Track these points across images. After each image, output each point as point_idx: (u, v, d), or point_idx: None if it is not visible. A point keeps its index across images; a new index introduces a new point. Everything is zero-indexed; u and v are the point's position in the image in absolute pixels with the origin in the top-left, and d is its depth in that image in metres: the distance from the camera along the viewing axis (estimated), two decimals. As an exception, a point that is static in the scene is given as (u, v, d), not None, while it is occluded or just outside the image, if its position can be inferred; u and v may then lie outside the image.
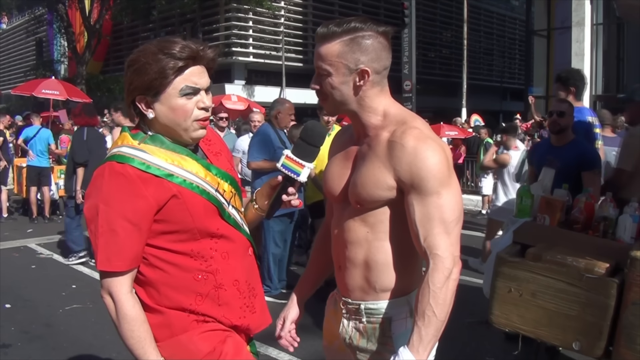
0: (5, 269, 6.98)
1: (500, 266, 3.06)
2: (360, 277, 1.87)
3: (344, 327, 1.95)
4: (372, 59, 1.76)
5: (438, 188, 1.70)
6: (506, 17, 49.82)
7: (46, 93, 14.05)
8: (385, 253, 1.83)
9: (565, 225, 3.30)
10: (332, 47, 1.75)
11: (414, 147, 1.71)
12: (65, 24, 30.31)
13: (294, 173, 1.79)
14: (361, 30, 1.75)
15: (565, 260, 2.86)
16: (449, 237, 1.71)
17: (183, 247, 1.72)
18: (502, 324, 3.06)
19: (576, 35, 19.62)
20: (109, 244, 1.63)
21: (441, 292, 1.66)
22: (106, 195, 1.63)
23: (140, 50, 1.70)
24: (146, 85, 1.66)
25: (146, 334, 1.68)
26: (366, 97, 1.80)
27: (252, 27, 34.46)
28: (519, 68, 45.97)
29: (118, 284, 1.67)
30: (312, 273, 2.20)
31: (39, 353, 4.45)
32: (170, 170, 1.69)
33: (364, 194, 1.79)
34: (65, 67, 39.49)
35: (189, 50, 1.67)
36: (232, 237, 1.81)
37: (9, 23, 49.16)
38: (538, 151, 4.69)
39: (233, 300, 1.79)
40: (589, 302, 2.75)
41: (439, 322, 1.66)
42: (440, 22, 42.69)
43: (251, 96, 31.11)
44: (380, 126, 1.82)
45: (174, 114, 1.69)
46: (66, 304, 5.61)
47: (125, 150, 1.69)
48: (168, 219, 1.68)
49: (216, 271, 1.75)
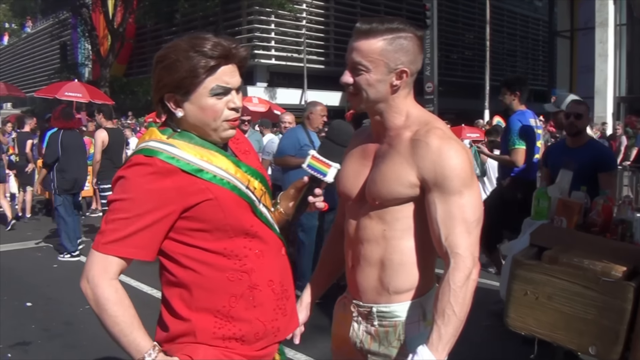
0: (28, 268, 7.11)
1: (517, 269, 3.03)
2: (374, 277, 1.86)
3: (355, 331, 1.94)
4: (410, 61, 1.77)
5: (461, 188, 1.70)
6: (529, 18, 49.43)
7: (69, 95, 14.25)
8: (401, 252, 1.82)
9: (583, 227, 3.26)
10: (374, 43, 1.74)
11: (439, 146, 1.71)
12: (89, 28, 30.78)
13: (320, 173, 1.78)
14: (403, 31, 1.75)
15: (582, 263, 2.82)
16: (470, 237, 1.70)
17: (216, 246, 1.64)
18: (518, 327, 3.03)
19: (599, 36, 19.42)
20: (117, 230, 1.54)
21: (461, 291, 1.65)
22: (129, 185, 1.56)
23: (171, 46, 1.64)
24: (176, 83, 1.61)
25: (133, 318, 1.54)
26: (396, 98, 1.81)
27: (274, 29, 34.63)
28: (542, 69, 45.55)
29: (102, 268, 1.54)
30: (322, 274, 2.18)
31: (58, 351, 4.51)
32: (200, 165, 1.61)
33: (384, 190, 1.78)
34: (89, 70, 40.07)
35: (221, 48, 1.61)
36: (265, 236, 1.73)
37: (33, 27, 49.98)
38: (553, 153, 4.65)
39: (267, 302, 1.71)
40: (605, 305, 2.71)
41: (458, 321, 1.65)
42: (462, 23, 42.50)
43: (273, 98, 31.24)
44: (402, 126, 1.82)
45: (203, 113, 1.64)
46: (86, 303, 5.47)
47: (153, 144, 1.62)
48: (199, 217, 1.60)
49: (251, 270, 1.68)
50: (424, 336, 1.78)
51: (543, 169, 4.72)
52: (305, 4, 34.90)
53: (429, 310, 1.81)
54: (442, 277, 1.70)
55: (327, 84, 34.87)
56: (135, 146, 1.69)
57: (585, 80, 20.55)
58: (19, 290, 6.14)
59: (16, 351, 4.50)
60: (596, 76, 19.82)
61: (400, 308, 1.84)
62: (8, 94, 22.54)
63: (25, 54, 54.40)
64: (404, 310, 1.84)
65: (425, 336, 1.78)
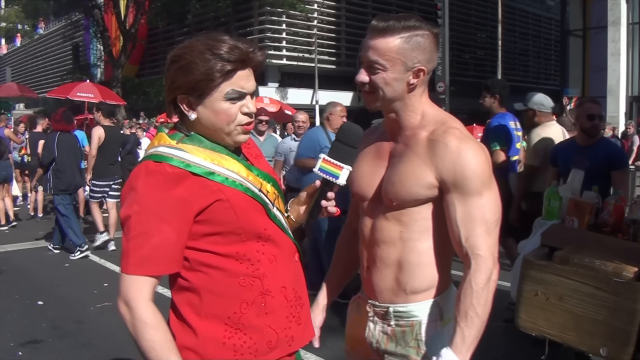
0: (40, 267, 7.16)
1: (528, 269, 3.01)
2: (390, 278, 1.84)
3: (370, 331, 1.92)
4: (427, 59, 1.76)
5: (480, 188, 1.69)
6: (541, 17, 49.12)
7: (81, 96, 14.34)
8: (418, 253, 1.80)
9: (594, 228, 3.24)
10: (391, 42, 1.72)
11: (458, 146, 1.69)
12: (101, 29, 30.90)
13: (332, 176, 1.76)
14: (420, 29, 1.74)
15: (593, 264, 2.80)
16: (490, 237, 1.69)
17: (228, 250, 1.59)
18: (528, 328, 3.01)
19: (612, 35, 19.30)
20: (140, 247, 1.50)
21: (483, 292, 1.65)
22: (141, 195, 1.52)
23: (186, 47, 1.59)
24: (191, 85, 1.56)
25: (170, 343, 1.51)
26: (412, 96, 1.79)
27: (285, 29, 34.63)
28: (554, 69, 45.32)
29: (137, 291, 1.51)
30: (336, 276, 2.16)
31: (69, 349, 4.54)
32: (211, 168, 1.58)
33: (403, 191, 1.76)
34: (101, 71, 40.28)
35: (239, 52, 1.57)
36: (278, 240, 1.68)
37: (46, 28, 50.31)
38: (563, 151, 4.56)
39: (280, 309, 1.65)
40: (616, 306, 2.69)
41: (481, 322, 1.65)
42: (474, 22, 42.27)
43: (284, 98, 31.26)
44: (418, 126, 1.80)
45: (217, 117, 1.59)
46: (98, 301, 5.69)
47: (163, 149, 1.58)
48: (211, 220, 1.56)
49: (263, 276, 1.62)
50: (442, 336, 1.78)
51: (550, 168, 4.66)
52: (316, 4, 34.86)
53: (446, 310, 1.81)
54: (462, 279, 1.69)
55: (338, 84, 34.86)
56: (145, 151, 1.66)
57: (597, 79, 20.43)
58: (30, 289, 6.18)
59: (27, 350, 4.53)
60: (609, 75, 19.70)
61: (418, 308, 1.82)
62: (21, 95, 22.72)
63: (38, 55, 54.75)
64: (421, 310, 1.82)
65: (443, 336, 1.77)
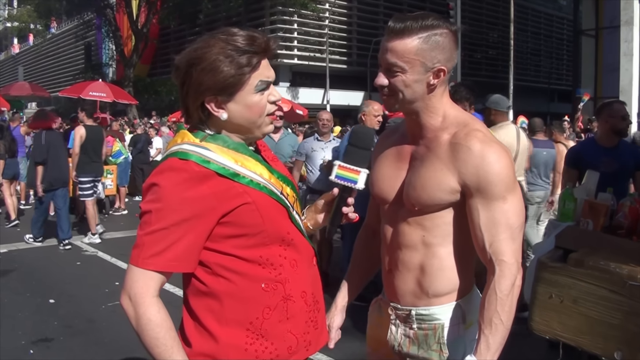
0: (51, 265, 7.19)
1: (542, 271, 2.98)
2: (412, 281, 1.83)
3: (392, 334, 1.91)
4: (447, 58, 1.71)
5: (504, 193, 1.66)
6: (554, 17, 48.92)
7: (93, 95, 14.42)
8: (440, 258, 1.79)
9: (609, 230, 3.20)
10: (409, 43, 1.68)
11: (481, 150, 1.66)
12: (113, 28, 31.12)
13: (350, 181, 1.73)
14: (438, 28, 1.69)
15: (608, 267, 2.77)
16: (514, 243, 1.67)
17: (251, 254, 1.56)
18: (542, 331, 2.98)
19: (625, 35, 19.17)
20: (156, 243, 1.46)
21: (508, 299, 1.63)
22: (164, 192, 1.48)
23: (204, 47, 1.53)
24: (221, 84, 1.52)
25: (173, 341, 1.48)
26: (433, 97, 1.75)
27: (297, 29, 34.67)
28: (566, 69, 45.07)
29: (144, 286, 1.47)
30: (354, 277, 2.13)
31: (80, 348, 4.55)
32: (236, 169, 1.54)
33: (425, 196, 1.74)
34: (113, 70, 40.53)
35: (259, 42, 1.54)
36: (299, 244, 1.67)
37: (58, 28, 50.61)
38: (586, 153, 4.52)
39: (300, 314, 1.63)
40: (632, 310, 2.66)
41: (505, 329, 1.63)
42: (486, 22, 42.12)
43: (295, 98, 31.30)
44: (439, 128, 1.77)
45: (250, 111, 1.57)
46: (109, 300, 5.70)
47: (188, 147, 1.54)
48: (236, 222, 1.53)
49: (285, 281, 1.60)
50: (464, 339, 1.77)
51: (570, 170, 4.60)
52: (328, 4, 34.87)
53: (469, 313, 1.80)
54: (486, 285, 1.67)
55: (349, 84, 34.86)
56: (166, 149, 1.61)
57: (610, 79, 20.29)
58: (42, 287, 6.21)
59: (38, 348, 4.54)
60: (621, 75, 19.55)
61: (440, 311, 1.81)
62: (33, 94, 22.87)
63: (50, 55, 55.11)
64: (443, 313, 1.81)
65: (465, 339, 1.76)
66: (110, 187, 11.17)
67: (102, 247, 8.19)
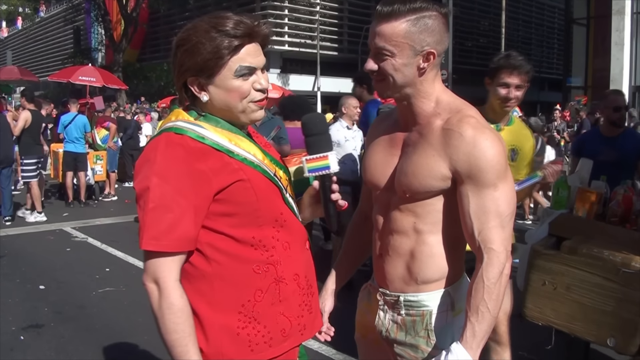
0: (41, 252, 7.15)
1: (535, 258, 2.99)
2: (402, 267, 1.82)
3: (380, 320, 1.90)
4: (437, 41, 1.69)
5: (495, 180, 1.64)
6: (545, 6, 48.93)
7: (83, 80, 14.30)
8: (431, 245, 1.77)
9: (603, 218, 3.21)
10: (397, 26, 1.65)
11: (473, 136, 1.64)
12: (103, 12, 30.80)
13: (323, 169, 1.69)
14: (427, 10, 1.67)
15: (602, 254, 2.78)
16: (504, 231, 1.66)
17: (244, 234, 1.55)
18: (535, 318, 3.00)
19: (616, 24, 19.19)
20: (159, 220, 1.44)
21: (495, 287, 1.61)
22: (160, 167, 1.46)
23: (190, 28, 1.55)
24: (199, 66, 1.52)
25: (191, 329, 1.47)
26: (424, 81, 1.73)
27: (287, 15, 34.51)
28: (557, 58, 45.19)
29: (166, 269, 1.46)
30: (345, 262, 2.13)
31: (71, 334, 4.53)
32: (230, 147, 1.54)
33: (416, 183, 1.72)
34: (102, 55, 40.21)
35: (244, 26, 1.53)
36: (292, 226, 1.66)
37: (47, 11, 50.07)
38: (588, 142, 4.57)
39: (293, 296, 1.62)
40: (625, 297, 2.67)
41: (492, 318, 1.62)
42: (478, 10, 42.08)
43: (286, 84, 31.21)
44: (432, 113, 1.74)
45: (229, 96, 1.56)
46: (100, 286, 5.69)
47: (183, 124, 1.54)
48: (230, 199, 1.52)
49: (277, 262, 1.59)
50: (452, 326, 1.76)
51: (574, 158, 4.60)
52: (319, -10, 34.74)
53: (458, 300, 1.78)
54: (474, 272, 1.66)
55: (340, 71, 34.72)
56: (159, 126, 1.60)
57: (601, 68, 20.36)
58: (32, 273, 6.17)
59: (29, 334, 4.52)
60: (612, 65, 19.60)
61: (429, 297, 1.80)
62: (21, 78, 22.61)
63: (39, 39, 54.60)
64: (432, 300, 1.80)
65: (453, 326, 1.75)
66: (100, 173, 11.13)
67: (92, 233, 8.15)
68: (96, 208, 10.32)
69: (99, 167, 11.04)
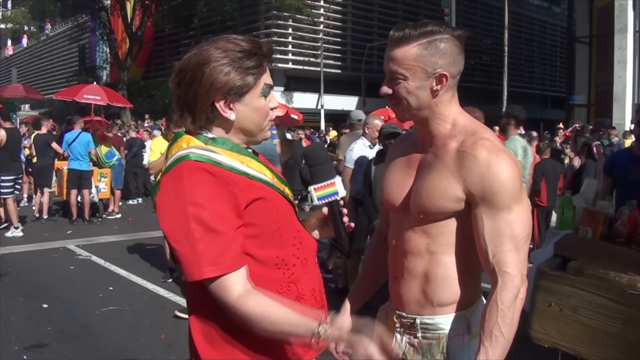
0: (44, 270, 7.13)
1: (541, 279, 2.97)
2: (417, 289, 1.81)
3: (397, 342, 1.89)
4: (449, 63, 1.70)
5: (510, 203, 1.64)
6: (547, 24, 49.21)
7: (88, 98, 14.36)
8: (445, 266, 1.76)
9: (608, 238, 3.19)
10: (409, 50, 1.68)
11: (487, 158, 1.64)
12: (108, 31, 31.01)
13: (331, 195, 1.74)
14: (438, 33, 1.68)
15: (608, 275, 2.76)
16: (519, 254, 1.64)
17: (268, 254, 1.56)
18: (541, 340, 2.97)
19: (619, 43, 19.26)
20: (211, 246, 1.42)
21: (509, 311, 1.60)
22: (191, 195, 1.44)
23: (214, 48, 1.52)
24: (232, 84, 1.51)
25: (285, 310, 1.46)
26: (440, 103, 1.74)
27: (291, 33, 34.75)
28: (560, 75, 45.34)
29: (233, 287, 1.45)
30: (365, 283, 2.13)
31: (74, 353, 4.50)
32: (245, 170, 1.54)
33: (430, 204, 1.72)
34: (107, 73, 40.44)
35: (264, 47, 1.56)
36: (307, 243, 1.69)
37: (52, 30, 50.47)
38: (619, 162, 4.42)
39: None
40: (631, 319, 2.65)
41: (506, 342, 1.60)
42: (480, 28, 42.32)
43: (290, 102, 31.34)
44: (448, 135, 1.75)
45: (257, 114, 1.57)
46: (103, 305, 5.66)
47: (198, 151, 1.51)
48: (254, 220, 1.52)
49: (297, 280, 1.62)
50: (468, 349, 1.75)
51: (606, 178, 4.44)
52: (322, 9, 34.96)
53: (474, 323, 1.77)
54: (489, 295, 1.65)
55: (343, 89, 34.92)
56: (170, 155, 1.56)
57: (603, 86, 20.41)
58: (36, 291, 6.15)
59: (32, 353, 4.49)
60: (615, 83, 19.65)
61: (445, 320, 1.79)
62: (26, 96, 22.73)
63: (44, 57, 54.98)
64: (448, 323, 1.79)
65: (469, 350, 1.74)
66: (104, 191, 11.14)
67: (95, 251, 8.13)
68: (100, 226, 10.32)
69: (103, 184, 11.05)
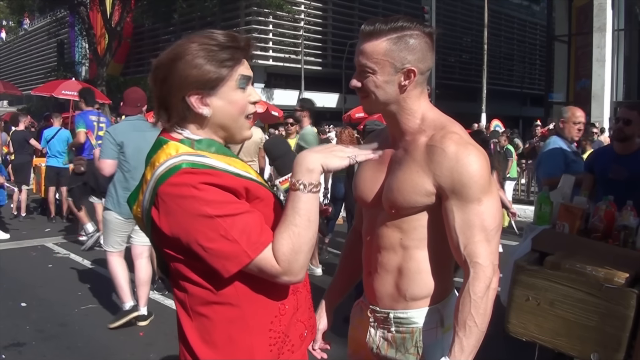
0: (23, 268, 7.06)
1: (518, 274, 3.00)
2: (391, 284, 1.83)
3: (371, 336, 1.91)
4: (418, 59, 1.72)
5: (479, 195, 1.66)
6: (527, 23, 49.61)
7: (66, 94, 14.20)
8: (418, 261, 1.79)
9: (585, 233, 3.23)
10: (378, 44, 1.69)
11: (455, 152, 1.66)
12: (87, 26, 30.66)
13: None
14: (408, 29, 1.70)
15: (585, 270, 2.79)
16: (490, 245, 1.67)
17: None
18: (519, 333, 3.00)
19: (597, 41, 19.44)
20: (244, 230, 1.40)
21: (482, 301, 1.63)
22: (201, 196, 1.39)
23: (185, 44, 1.50)
24: (205, 77, 1.47)
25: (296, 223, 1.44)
26: (408, 98, 1.76)
27: (272, 30, 34.66)
28: (539, 74, 45.76)
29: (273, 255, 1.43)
30: (341, 280, 2.15)
31: (53, 352, 4.47)
32: (235, 171, 1.50)
33: (401, 199, 1.74)
34: (86, 69, 40.03)
35: (241, 40, 1.53)
36: None
37: (30, 24, 49.83)
38: (600, 159, 4.44)
39: (304, 302, 1.67)
40: (608, 312, 2.69)
41: (479, 332, 1.63)
42: (460, 26, 42.56)
43: (270, 99, 31.28)
44: (417, 130, 1.77)
45: (232, 108, 1.52)
46: (82, 303, 5.62)
47: (189, 157, 1.45)
48: None
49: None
50: (442, 343, 1.77)
51: (587, 175, 4.46)
52: (303, 6, 34.90)
53: (447, 317, 1.80)
54: (462, 287, 1.67)
55: (324, 86, 34.91)
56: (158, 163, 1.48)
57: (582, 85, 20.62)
58: (14, 290, 6.09)
59: (10, 352, 4.45)
60: (593, 81, 19.85)
61: (418, 314, 1.81)
62: (4, 92, 22.47)
63: (22, 52, 54.31)
64: (421, 317, 1.81)
65: (443, 343, 1.76)
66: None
67: (74, 249, 8.07)
68: (78, 223, 10.23)
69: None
